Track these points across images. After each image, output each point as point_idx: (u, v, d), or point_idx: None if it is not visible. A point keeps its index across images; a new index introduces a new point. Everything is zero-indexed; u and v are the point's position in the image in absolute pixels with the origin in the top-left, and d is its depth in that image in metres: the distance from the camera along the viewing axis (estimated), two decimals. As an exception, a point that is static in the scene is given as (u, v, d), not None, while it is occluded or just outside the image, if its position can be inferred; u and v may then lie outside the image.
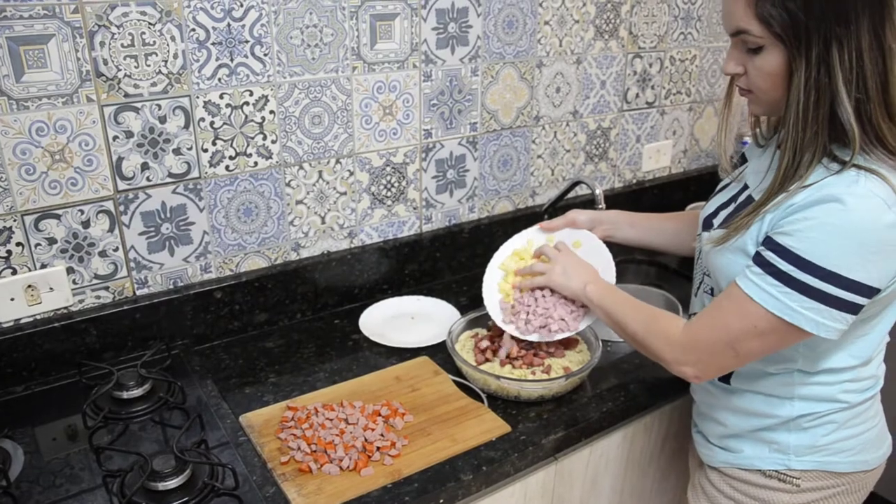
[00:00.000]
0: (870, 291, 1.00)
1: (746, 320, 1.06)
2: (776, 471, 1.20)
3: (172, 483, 1.10)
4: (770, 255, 1.03)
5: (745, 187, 1.20)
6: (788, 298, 1.01)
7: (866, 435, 1.20)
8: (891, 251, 0.99)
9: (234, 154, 1.49)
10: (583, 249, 1.50)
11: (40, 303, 1.37)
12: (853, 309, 1.01)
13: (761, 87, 1.08)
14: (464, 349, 1.46)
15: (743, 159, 1.30)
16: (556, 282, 1.40)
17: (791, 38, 0.99)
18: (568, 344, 1.46)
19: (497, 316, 1.47)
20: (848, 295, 0.99)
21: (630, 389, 1.42)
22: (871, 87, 0.99)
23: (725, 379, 1.23)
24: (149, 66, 1.35)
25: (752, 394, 1.20)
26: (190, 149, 1.44)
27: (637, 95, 2.16)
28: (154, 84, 1.36)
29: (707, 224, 1.24)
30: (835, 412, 1.16)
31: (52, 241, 1.36)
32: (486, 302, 1.49)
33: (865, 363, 1.16)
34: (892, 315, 1.14)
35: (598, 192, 1.78)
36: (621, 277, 2.06)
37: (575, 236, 1.52)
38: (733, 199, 1.21)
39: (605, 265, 1.46)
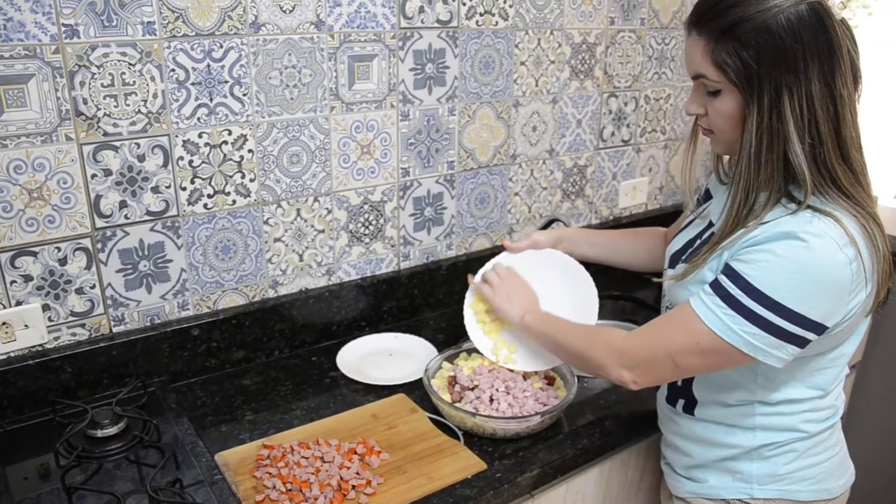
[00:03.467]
0: (815, 327, 1.03)
1: (690, 336, 1.09)
2: (739, 500, 1.22)
3: (145, 523, 1.09)
4: (723, 279, 1.06)
5: (711, 224, 1.23)
6: (731, 321, 1.04)
7: (827, 464, 1.22)
8: (839, 290, 1.03)
9: (212, 192, 1.50)
10: (555, 271, 1.52)
11: (14, 340, 1.37)
12: (797, 341, 1.04)
13: (721, 128, 1.12)
14: (440, 387, 1.46)
15: (708, 195, 1.33)
16: (498, 304, 1.44)
17: (744, 84, 1.04)
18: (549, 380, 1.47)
19: (486, 351, 1.50)
20: (791, 327, 1.02)
21: (606, 426, 1.43)
22: (823, 131, 1.03)
23: (689, 410, 1.26)
24: (128, 105, 1.36)
25: (715, 424, 1.22)
26: (168, 187, 1.45)
27: (613, 134, 2.19)
28: (133, 123, 1.38)
29: (674, 261, 1.27)
30: (795, 441, 1.18)
31: (27, 278, 1.35)
32: (473, 341, 1.51)
33: (824, 395, 1.19)
34: (850, 349, 1.17)
35: (574, 229, 1.80)
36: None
37: (539, 256, 1.53)
38: (699, 235, 1.24)
39: (582, 281, 1.51)
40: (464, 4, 1.72)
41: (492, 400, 1.40)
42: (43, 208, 1.33)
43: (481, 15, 1.76)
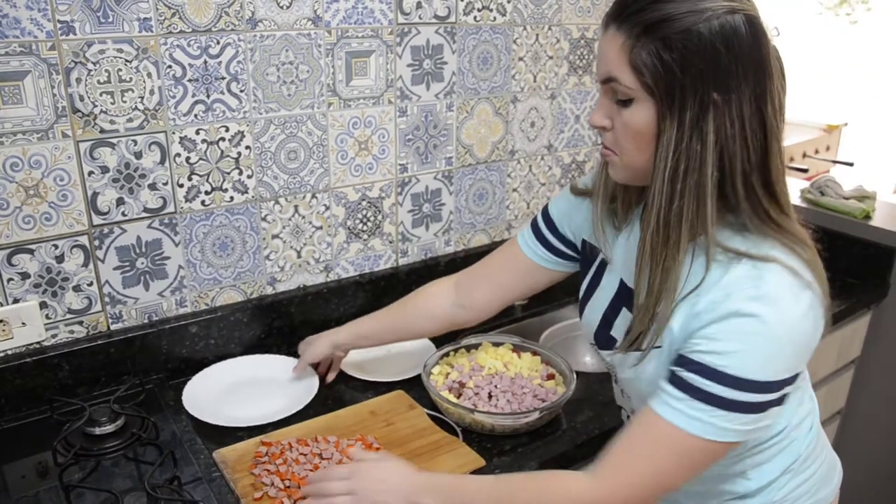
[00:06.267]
0: (796, 378, 0.95)
1: (682, 456, 0.94)
2: None
3: (143, 521, 1.09)
4: (695, 379, 0.92)
5: (629, 289, 1.08)
6: (725, 420, 0.91)
7: (819, 472, 1.17)
8: (815, 340, 0.94)
9: (209, 189, 1.50)
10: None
11: (12, 338, 1.36)
12: (784, 401, 0.95)
13: (625, 148, 0.96)
14: (439, 383, 1.46)
15: (592, 249, 1.20)
16: None
17: (662, 94, 0.89)
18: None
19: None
20: (787, 389, 0.93)
21: (605, 421, 1.42)
22: (753, 160, 0.91)
23: None
24: (125, 102, 1.36)
25: (704, 479, 1.06)
26: (165, 184, 1.44)
27: (611, 130, 2.19)
28: (130, 120, 1.37)
29: (604, 339, 1.14)
30: (789, 465, 1.12)
31: (24, 275, 1.35)
32: None
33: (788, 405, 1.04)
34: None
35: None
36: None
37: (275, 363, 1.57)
38: (621, 304, 1.11)
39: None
40: (462, 0, 1.71)
41: (490, 396, 1.40)
42: (40, 205, 1.33)
43: (479, 10, 1.76)
